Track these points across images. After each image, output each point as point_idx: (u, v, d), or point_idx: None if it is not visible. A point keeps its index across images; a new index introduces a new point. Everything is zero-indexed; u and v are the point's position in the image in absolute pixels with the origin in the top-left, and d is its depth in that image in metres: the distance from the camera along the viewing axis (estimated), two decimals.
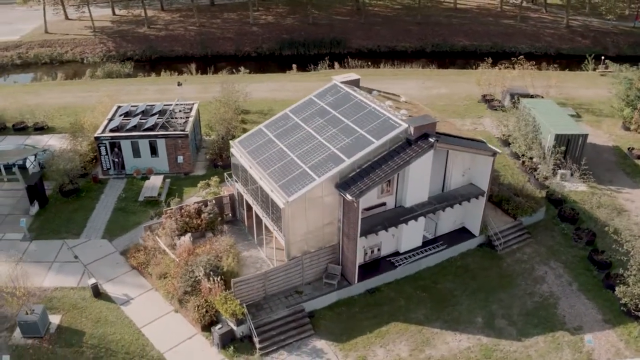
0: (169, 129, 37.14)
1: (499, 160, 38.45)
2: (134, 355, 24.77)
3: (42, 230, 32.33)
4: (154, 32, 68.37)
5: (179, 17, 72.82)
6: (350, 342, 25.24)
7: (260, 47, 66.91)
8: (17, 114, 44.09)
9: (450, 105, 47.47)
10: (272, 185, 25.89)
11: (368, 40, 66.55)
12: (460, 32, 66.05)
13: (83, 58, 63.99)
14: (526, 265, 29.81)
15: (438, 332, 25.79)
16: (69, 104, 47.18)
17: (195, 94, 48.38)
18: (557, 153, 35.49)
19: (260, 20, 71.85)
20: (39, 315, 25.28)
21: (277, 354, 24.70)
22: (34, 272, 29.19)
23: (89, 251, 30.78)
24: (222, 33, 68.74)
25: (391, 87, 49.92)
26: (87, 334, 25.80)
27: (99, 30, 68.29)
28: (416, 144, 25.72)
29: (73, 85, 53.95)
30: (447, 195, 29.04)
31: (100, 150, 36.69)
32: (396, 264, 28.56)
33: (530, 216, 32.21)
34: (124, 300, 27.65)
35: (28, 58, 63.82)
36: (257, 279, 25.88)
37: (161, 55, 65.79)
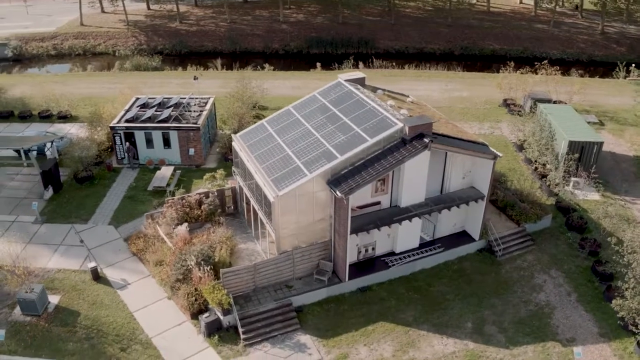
0: (181, 121, 37.91)
1: (511, 165, 37.93)
2: (123, 338, 25.45)
3: (54, 215, 33.52)
4: (185, 28, 69.79)
5: (211, 13, 74.06)
6: (334, 338, 25.28)
7: (288, 45, 67.38)
8: (43, 102, 45.76)
9: (470, 108, 46.76)
10: (265, 179, 26.17)
11: (396, 41, 66.13)
12: (491, 35, 64.88)
13: (115, 50, 65.86)
14: (525, 273, 29.16)
15: (425, 334, 25.52)
16: (94, 94, 48.67)
17: (215, 89, 49.09)
18: (570, 160, 34.53)
19: (291, 18, 72.36)
20: (38, 294, 26.26)
21: (260, 346, 24.96)
22: (41, 254, 30.43)
23: (94, 236, 31.75)
24: (251, 30, 69.57)
25: (413, 89, 49.77)
26: (82, 315, 26.66)
27: (132, 24, 70.19)
28: (411, 144, 25.52)
29: (101, 76, 55.67)
30: (445, 198, 28.69)
31: (115, 139, 37.77)
32: (390, 264, 28.41)
33: (535, 223, 31.48)
34: (121, 285, 28.43)
35: (63, 49, 66.15)
36: (247, 271, 26.20)
37: (191, 50, 67.03)
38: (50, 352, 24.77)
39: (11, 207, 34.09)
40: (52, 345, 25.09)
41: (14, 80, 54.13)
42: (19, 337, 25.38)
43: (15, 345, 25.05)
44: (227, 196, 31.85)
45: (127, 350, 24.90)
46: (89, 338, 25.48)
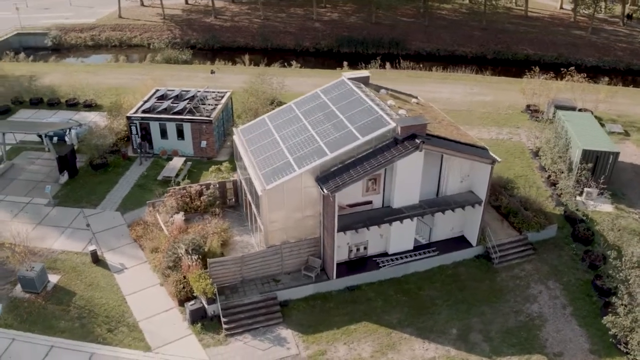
0: (195, 114, 38.68)
1: (524, 172, 37.01)
2: (112, 320, 26.26)
3: (66, 198, 34.83)
4: (219, 23, 71.02)
5: (246, 10, 75.09)
6: (315, 335, 25.32)
7: (319, 44, 67.58)
8: (70, 91, 47.56)
9: (492, 113, 45.77)
10: (257, 172, 26.46)
11: (428, 43, 65.31)
12: (526, 40, 63.17)
13: (150, 43, 67.63)
14: (521, 282, 28.40)
15: (407, 337, 25.23)
16: (122, 85, 50.19)
17: (239, 84, 49.60)
18: (583, 170, 33.37)
19: (325, 17, 72.55)
20: (37, 272, 27.40)
21: (241, 337, 25.28)
22: (49, 235, 31.73)
23: (101, 221, 32.82)
24: (284, 27, 70.13)
25: (435, 91, 49.29)
26: (78, 295, 27.65)
27: (169, 18, 71.96)
28: (402, 144, 25.28)
29: (131, 67, 57.36)
30: (440, 201, 28.26)
31: (131, 129, 38.90)
32: (380, 264, 28.21)
33: (537, 232, 30.59)
34: (118, 269, 29.31)
35: (100, 40, 68.45)
36: (234, 262, 26.56)
37: (223, 45, 68.11)
38: (42, 328, 25.81)
39: (28, 189, 35.64)
40: (45, 321, 26.15)
41: (49, 68, 56.44)
42: (17, 312, 26.57)
43: (12, 319, 26.24)
44: (229, 189, 32.31)
45: (114, 331, 25.68)
46: (81, 317, 26.41)
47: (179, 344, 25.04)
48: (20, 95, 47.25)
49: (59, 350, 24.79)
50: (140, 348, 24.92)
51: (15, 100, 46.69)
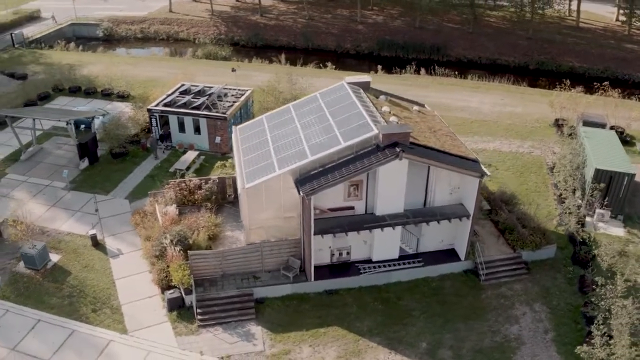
0: (212, 110, 39.79)
1: (537, 188, 35.80)
2: (98, 301, 27.63)
3: (82, 184, 36.75)
4: (264, 21, 72.33)
5: (293, 9, 76.02)
6: (284, 334, 25.65)
7: (359, 46, 67.53)
8: (108, 81, 49.99)
9: (517, 125, 44.35)
10: (242, 170, 27.06)
11: (470, 50, 63.86)
12: (572, 52, 60.51)
13: (195, 38, 69.82)
14: (506, 302, 27.53)
15: (374, 346, 25.10)
16: (157, 77, 52.17)
17: (267, 82, 50.46)
18: (595, 190, 31.86)
19: (369, 19, 72.36)
20: (38, 251, 29.18)
21: (213, 329, 25.98)
22: (59, 217, 33.66)
23: (109, 207, 34.44)
24: (327, 28, 70.54)
25: (464, 99, 48.43)
26: (73, 275, 29.24)
27: (217, 14, 73.99)
28: (383, 152, 25.13)
29: (170, 61, 59.51)
30: (427, 211, 27.83)
31: (152, 121, 40.52)
32: (361, 270, 28.15)
33: (533, 251, 29.53)
34: (115, 254, 30.72)
35: (148, 33, 71.32)
36: (214, 256, 27.27)
37: (266, 43, 69.31)
38: (35, 303, 27.51)
39: (50, 172, 37.85)
40: (39, 297, 27.85)
41: (94, 58, 59.50)
42: (15, 286, 28.44)
43: (9, 292, 28.13)
44: (229, 185, 33.08)
45: (97, 312, 27.02)
46: (71, 296, 27.93)
47: (154, 330, 26.03)
48: (61, 83, 50.17)
49: (45, 324, 26.36)
50: (117, 330, 26.10)
51: (55, 87, 49.61)
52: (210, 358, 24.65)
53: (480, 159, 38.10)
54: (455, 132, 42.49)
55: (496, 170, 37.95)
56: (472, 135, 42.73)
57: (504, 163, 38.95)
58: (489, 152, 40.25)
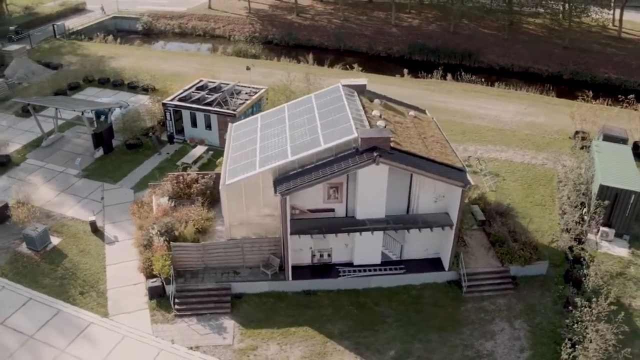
0: (223, 106, 40.60)
1: (543, 202, 34.70)
2: (86, 285, 28.82)
3: (94, 172, 38.27)
4: (299, 21, 72.91)
5: (330, 10, 76.24)
6: (255, 330, 26.02)
7: (391, 49, 67.07)
8: (136, 74, 51.79)
9: (535, 135, 42.99)
10: (226, 167, 27.58)
11: (503, 58, 62.23)
12: (610, 63, 57.93)
13: (231, 35, 71.21)
14: (485, 316, 26.87)
15: (341, 350, 25.08)
16: (183, 72, 53.55)
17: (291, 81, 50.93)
18: (598, 206, 30.58)
19: (404, 22, 71.73)
20: (38, 233, 30.70)
21: (188, 319, 26.65)
22: (67, 202, 35.22)
23: (114, 196, 35.76)
24: (360, 29, 70.40)
25: (485, 107, 47.62)
26: (68, 258, 30.58)
27: (254, 13, 75.18)
28: (361, 156, 25.06)
29: (199, 57, 60.99)
30: (409, 218, 27.53)
31: (166, 115, 41.74)
32: (340, 273, 28.15)
33: (521, 266, 28.67)
34: (111, 241, 31.92)
35: (186, 29, 73.31)
36: (196, 249, 27.92)
37: (299, 43, 69.85)
38: (29, 282, 28.97)
39: (66, 159, 39.60)
40: (34, 277, 29.31)
41: (128, 51, 61.69)
42: (15, 265, 30.03)
43: (8, 269, 29.74)
44: None
45: (84, 294, 28.21)
46: (63, 278, 29.25)
47: (133, 316, 26.94)
48: (91, 75, 52.35)
49: (35, 302, 27.73)
50: (99, 313, 27.17)
51: (85, 78, 51.82)
52: (180, 347, 25.32)
53: (488, 169, 37.70)
54: (468, 140, 42.32)
55: (503, 180, 37.05)
56: (486, 143, 41.79)
57: (512, 174, 37.91)
58: (499, 162, 39.27)
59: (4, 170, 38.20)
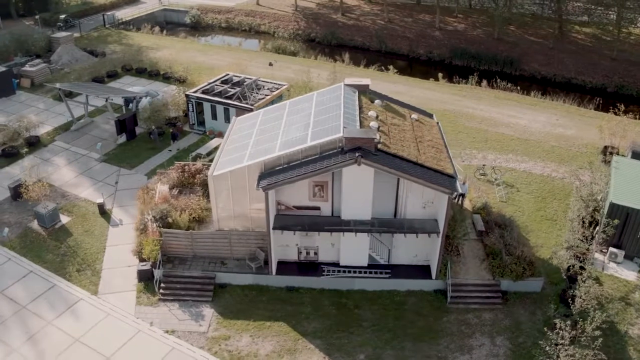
0: (242, 101, 41.26)
1: (554, 216, 33.54)
2: (83, 263, 30.10)
3: (113, 157, 39.85)
4: (344, 20, 72.83)
5: (377, 10, 75.64)
6: (231, 320, 26.40)
7: (432, 52, 65.89)
8: (168, 65, 53.42)
9: (561, 147, 41.18)
10: (218, 158, 28.07)
11: (546, 67, 59.80)
12: None
13: (275, 32, 72.08)
14: (467, 330, 26.06)
15: (312, 349, 25.02)
16: (218, 66, 54.59)
17: (322, 80, 50.73)
18: (607, 225, 29.01)
19: (449, 26, 70.24)
20: (48, 211, 32.33)
21: (170, 304, 27.38)
22: (82, 184, 36.87)
23: (128, 181, 37.11)
24: (403, 31, 69.53)
25: (514, 115, 46.40)
26: (73, 237, 32.03)
27: (300, 10, 75.71)
28: (344, 155, 24.88)
29: (237, 51, 61.85)
30: (396, 222, 27.08)
31: (188, 106, 42.85)
32: (324, 272, 28.06)
33: (514, 281, 27.61)
34: (115, 224, 33.17)
35: (232, 24, 74.80)
36: (185, 236, 28.59)
37: (341, 42, 69.76)
38: (33, 256, 30.57)
39: (90, 143, 41.41)
40: (38, 252, 30.90)
41: (170, 43, 63.57)
42: (24, 239, 31.78)
43: (17, 243, 31.49)
44: None
45: (80, 272, 29.47)
46: (65, 255, 30.67)
47: (120, 296, 27.94)
48: (129, 64, 54.41)
49: (34, 275, 29.26)
50: (90, 291, 28.34)
51: (124, 67, 53.92)
52: (158, 330, 26.03)
53: (503, 179, 36.43)
54: (489, 148, 41.15)
55: (517, 192, 35.78)
56: (507, 153, 40.43)
57: (528, 186, 36.52)
58: (517, 173, 37.91)
59: (32, 150, 40.40)
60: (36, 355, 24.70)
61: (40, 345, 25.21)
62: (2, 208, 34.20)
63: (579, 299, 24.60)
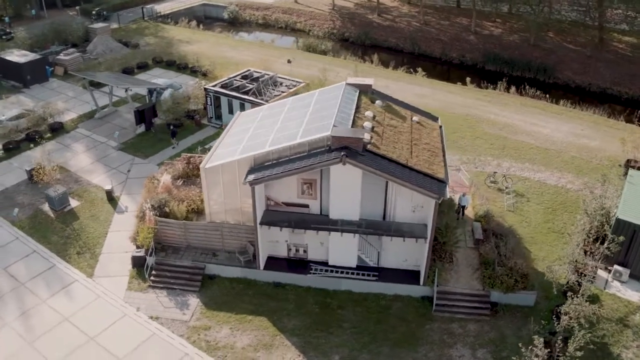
0: (257, 96, 41.67)
1: (562, 229, 32.25)
2: (85, 246, 31.16)
3: (130, 146, 40.99)
4: (379, 21, 72.30)
5: (414, 12, 74.69)
6: (214, 312, 26.78)
7: (464, 56, 64.59)
8: (197, 58, 54.49)
9: (581, 159, 39.61)
10: (213, 151, 28.48)
11: (582, 76, 57.56)
12: None
13: (310, 30, 72.29)
14: (449, 339, 25.49)
15: (287, 346, 25.08)
16: (245, 61, 54.97)
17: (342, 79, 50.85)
18: (612, 242, 27.75)
19: (485, 30, 68.62)
20: (58, 194, 33.60)
21: (159, 291, 28.04)
22: (97, 171, 38.14)
23: (140, 170, 38.10)
24: (437, 34, 68.44)
25: (537, 123, 45.29)
26: (79, 221, 33.17)
27: (337, 9, 75.66)
28: (330, 154, 24.79)
29: (267, 48, 62.39)
30: (384, 225, 26.76)
31: (207, 100, 43.60)
32: (311, 270, 28.04)
33: (504, 293, 26.81)
34: (121, 210, 34.15)
35: (269, 20, 75.48)
36: (178, 226, 29.16)
37: (374, 43, 69.27)
38: (39, 237, 31.86)
39: (110, 132, 42.68)
40: (44, 233, 32.17)
41: (203, 37, 64.65)
42: (33, 220, 33.16)
43: (26, 223, 32.89)
44: None
45: (79, 255, 30.54)
46: (68, 237, 31.81)
47: (113, 280, 28.79)
48: (160, 56, 55.81)
49: (37, 255, 30.50)
50: (86, 273, 29.31)
51: (154, 59, 55.35)
52: (143, 315, 26.66)
53: (514, 188, 35.38)
54: (505, 155, 40.10)
55: (527, 202, 34.71)
56: (523, 161, 39.24)
57: (540, 196, 35.34)
58: (530, 182, 36.75)
59: (55, 135, 42.08)
60: (25, 330, 25.76)
61: (31, 321, 26.27)
62: (19, 190, 35.78)
63: (564, 315, 23.65)
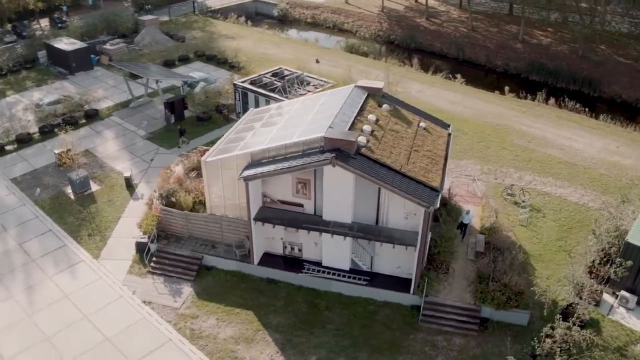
0: (282, 94, 42.18)
1: (572, 247, 30.96)
2: (96, 229, 32.61)
3: (157, 136, 42.42)
4: (426, 25, 71.32)
5: (464, 17, 73.20)
6: (205, 302, 27.47)
7: (508, 65, 62.73)
8: (235, 54, 55.71)
9: (610, 177, 37.74)
10: (217, 146, 29.15)
11: (628, 90, 54.65)
12: None
13: (357, 31, 72.23)
14: (431, 352, 25.05)
15: (268, 342, 25.39)
16: (283, 59, 55.38)
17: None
18: (620, 266, 26.41)
19: (533, 39, 66.30)
20: (79, 178, 35.31)
21: (157, 277, 29.03)
22: (122, 157, 39.74)
23: (161, 160, 39.35)
24: (483, 41, 66.78)
25: (571, 138, 43.75)
26: (96, 205, 34.73)
27: (386, 12, 75.19)
28: (321, 155, 24.87)
29: (309, 47, 62.82)
30: (376, 230, 26.56)
31: (235, 95, 44.53)
32: (304, 270, 28.22)
33: (495, 309, 26.05)
34: (137, 197, 35.48)
35: (318, 20, 75.84)
36: (180, 216, 30.03)
37: (419, 47, 68.46)
38: (57, 217, 33.58)
39: (141, 121, 44.37)
40: (62, 213, 33.87)
41: (249, 33, 65.67)
42: (54, 200, 35.00)
43: (47, 203, 34.76)
44: None
45: (90, 237, 32.00)
46: (83, 220, 33.39)
47: (116, 263, 30.01)
48: (201, 50, 57.39)
49: (52, 234, 32.20)
50: (93, 255, 30.70)
51: (196, 52, 56.98)
52: (137, 299, 27.68)
53: (531, 202, 34.20)
54: (529, 168, 38.90)
55: (542, 217, 33.54)
56: (547, 175, 37.85)
57: (557, 213, 34.02)
58: (550, 198, 35.42)
59: (89, 121, 44.17)
60: (27, 304, 27.31)
61: (34, 296, 27.82)
62: (47, 171, 37.80)
63: (546, 338, 22.75)
